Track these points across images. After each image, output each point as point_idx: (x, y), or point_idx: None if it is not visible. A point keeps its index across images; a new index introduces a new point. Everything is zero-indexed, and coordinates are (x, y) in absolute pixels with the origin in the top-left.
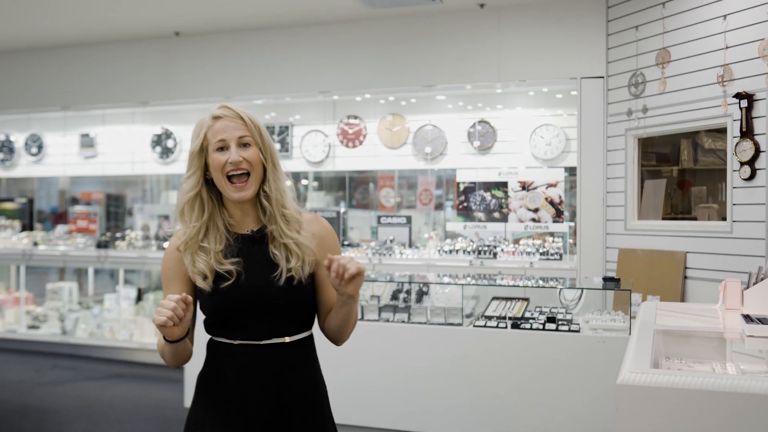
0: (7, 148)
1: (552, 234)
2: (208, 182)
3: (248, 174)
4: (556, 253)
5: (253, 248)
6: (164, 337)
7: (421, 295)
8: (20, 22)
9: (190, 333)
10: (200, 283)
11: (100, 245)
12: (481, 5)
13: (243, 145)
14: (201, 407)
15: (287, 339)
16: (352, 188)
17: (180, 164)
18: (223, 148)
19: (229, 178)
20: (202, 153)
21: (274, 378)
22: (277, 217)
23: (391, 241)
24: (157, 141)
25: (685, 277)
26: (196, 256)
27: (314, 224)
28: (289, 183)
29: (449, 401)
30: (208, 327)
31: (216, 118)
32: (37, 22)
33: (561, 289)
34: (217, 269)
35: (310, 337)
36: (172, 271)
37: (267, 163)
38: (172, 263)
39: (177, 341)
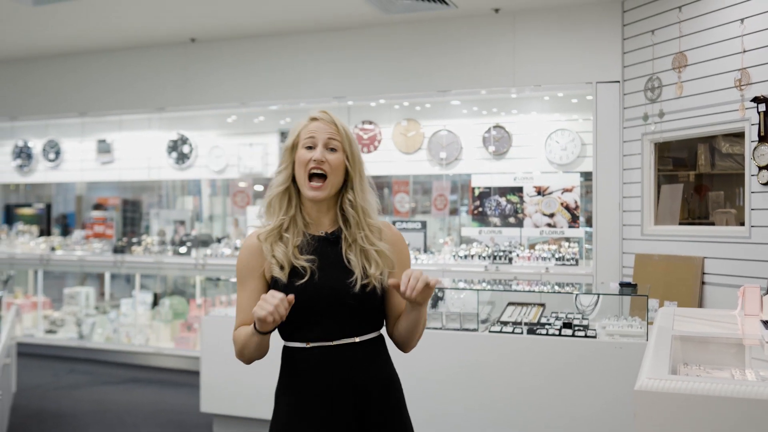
0: (25, 154)
1: (568, 239)
2: (294, 180)
3: (326, 177)
4: (572, 259)
5: (327, 249)
6: (255, 327)
7: (436, 300)
8: (38, 30)
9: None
10: (277, 273)
11: (117, 250)
12: (496, 10)
13: (330, 148)
14: (283, 413)
15: (357, 339)
16: None
17: (196, 170)
18: (311, 146)
19: (309, 177)
20: (293, 150)
21: (348, 377)
22: (363, 225)
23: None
24: (173, 146)
25: (703, 283)
26: (276, 245)
27: (386, 231)
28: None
29: (464, 407)
30: (281, 330)
31: (312, 119)
32: (54, 29)
33: (577, 294)
34: (294, 263)
35: (380, 337)
36: (247, 268)
37: (353, 172)
38: (249, 258)
39: (266, 333)
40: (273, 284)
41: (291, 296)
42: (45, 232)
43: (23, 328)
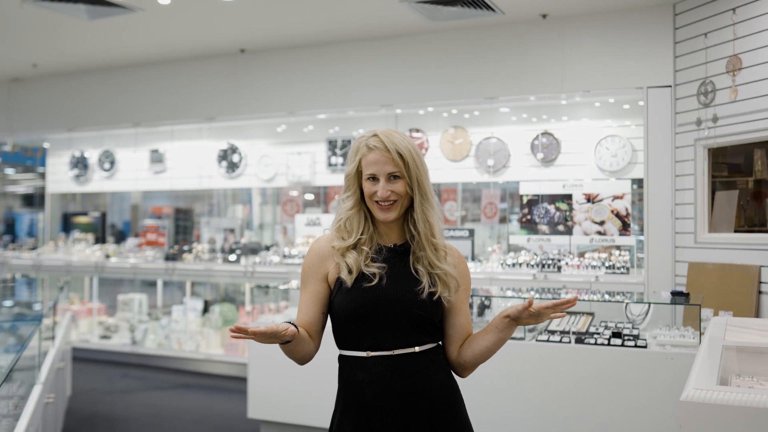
0: (82, 164)
1: (618, 247)
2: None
3: (395, 202)
4: (623, 267)
5: (396, 260)
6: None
7: (483, 308)
8: (93, 44)
9: (312, 334)
10: (344, 275)
11: (168, 258)
12: (544, 16)
13: (393, 176)
14: (344, 424)
15: (417, 349)
16: None
17: (245, 178)
18: (374, 178)
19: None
20: (358, 176)
21: (408, 387)
22: (425, 246)
23: None
24: (223, 156)
25: (760, 292)
26: (349, 253)
27: (451, 253)
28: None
29: (510, 416)
30: (340, 338)
31: (369, 148)
32: (109, 42)
33: (627, 303)
34: (363, 270)
35: (439, 347)
36: (312, 270)
37: (414, 194)
38: (316, 260)
39: (288, 342)
40: (337, 287)
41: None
42: (100, 240)
43: (79, 334)
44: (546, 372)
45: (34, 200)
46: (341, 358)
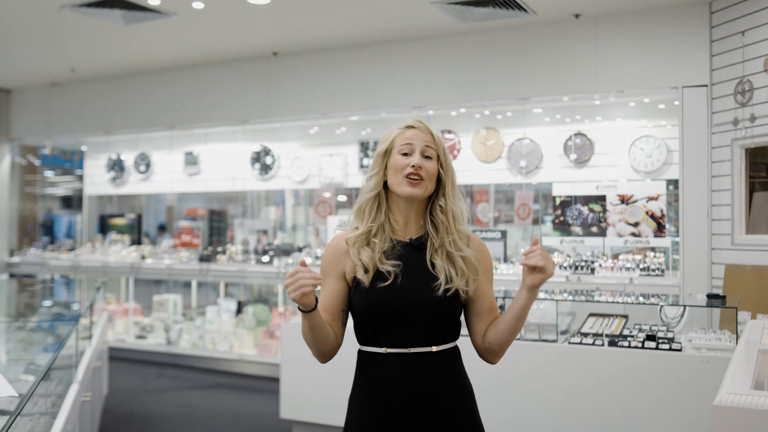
0: (118, 166)
1: (653, 249)
2: (384, 186)
3: (422, 180)
4: (658, 269)
5: (411, 255)
6: (300, 308)
7: None
8: (129, 48)
9: (338, 323)
10: (360, 275)
11: (202, 259)
12: (577, 15)
13: (426, 156)
14: (355, 418)
15: (434, 348)
16: None
17: (278, 180)
18: (407, 153)
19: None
20: (385, 156)
21: (421, 387)
22: (452, 230)
23: None
24: (256, 158)
25: None
26: (362, 250)
27: (473, 239)
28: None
29: (541, 419)
30: (359, 333)
31: (408, 127)
32: (144, 47)
33: (662, 306)
34: (379, 267)
35: (456, 349)
36: (329, 268)
37: (446, 179)
38: (332, 258)
39: (312, 311)
40: (355, 287)
41: (302, 260)
42: (136, 241)
43: (115, 334)
44: (579, 375)
45: (72, 202)
46: (360, 353)
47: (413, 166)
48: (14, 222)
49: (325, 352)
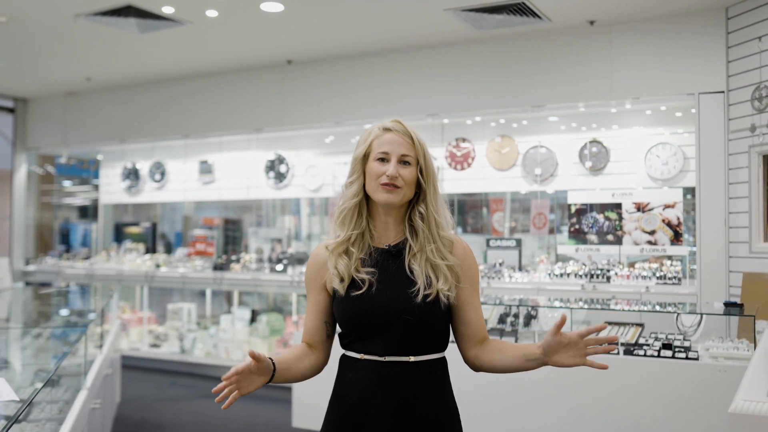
0: (133, 175)
1: (670, 257)
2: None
3: (400, 189)
4: (675, 278)
5: (388, 262)
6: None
7: (530, 319)
8: (144, 57)
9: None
10: (337, 284)
11: (217, 267)
12: (591, 22)
13: (404, 162)
14: (331, 421)
15: (411, 358)
16: (465, 212)
17: (292, 189)
18: (384, 159)
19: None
20: (364, 160)
21: (393, 397)
22: (435, 238)
23: (500, 264)
24: (271, 166)
25: None
26: (340, 259)
27: (457, 245)
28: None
29: (556, 428)
30: (342, 339)
31: (386, 129)
32: (158, 56)
33: (678, 314)
34: (354, 275)
35: (441, 361)
36: (311, 280)
37: (427, 185)
38: (314, 271)
39: (273, 377)
40: (334, 296)
41: (251, 350)
42: (150, 249)
43: (129, 342)
44: (593, 384)
45: (88, 211)
46: (341, 357)
47: (389, 176)
48: (30, 231)
49: (311, 376)
